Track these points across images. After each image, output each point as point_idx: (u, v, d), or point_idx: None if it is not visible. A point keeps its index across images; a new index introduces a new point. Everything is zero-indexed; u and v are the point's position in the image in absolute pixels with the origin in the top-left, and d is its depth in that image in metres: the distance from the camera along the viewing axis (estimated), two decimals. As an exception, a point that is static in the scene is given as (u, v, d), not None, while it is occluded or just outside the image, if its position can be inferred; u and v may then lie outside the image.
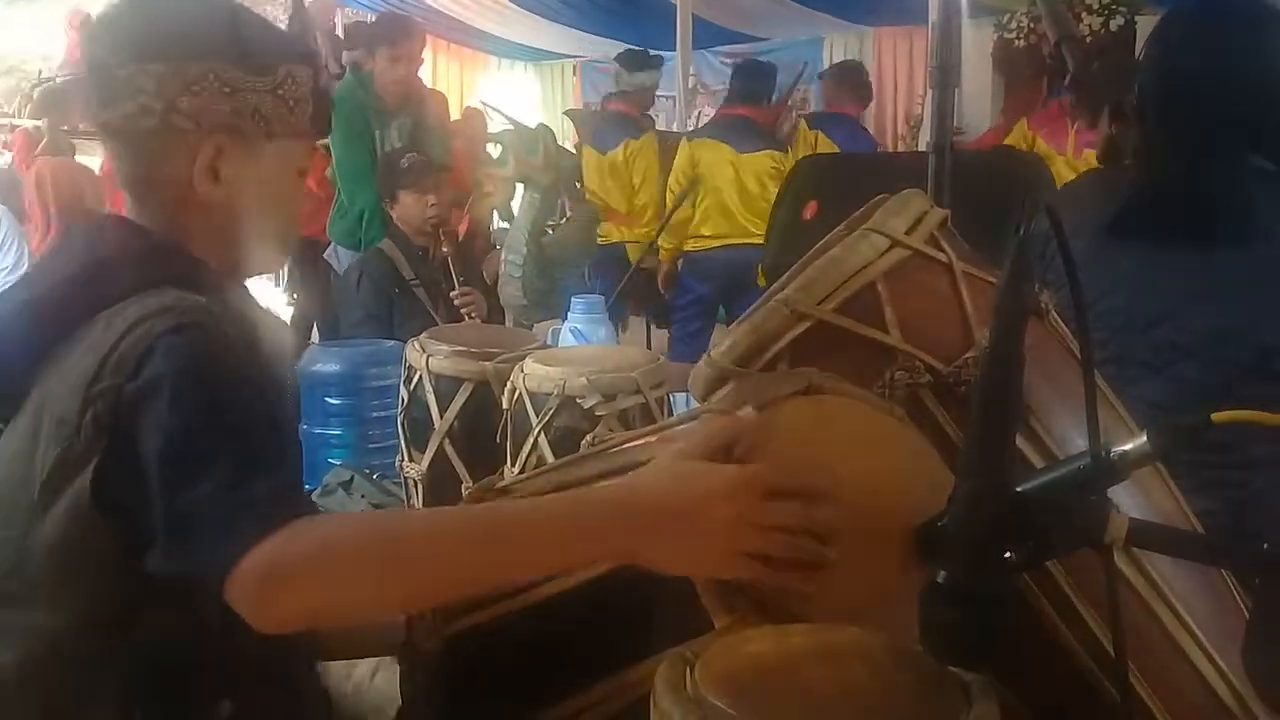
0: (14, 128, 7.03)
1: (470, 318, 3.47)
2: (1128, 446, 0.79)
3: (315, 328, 5.12)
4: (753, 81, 5.23)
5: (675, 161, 5.11)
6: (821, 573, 0.89)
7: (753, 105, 5.11)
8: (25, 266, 4.35)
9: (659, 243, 4.96)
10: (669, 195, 5.11)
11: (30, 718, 1.03)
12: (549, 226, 5.19)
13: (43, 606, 1.03)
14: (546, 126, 5.51)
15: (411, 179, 3.67)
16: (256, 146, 1.15)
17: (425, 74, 4.77)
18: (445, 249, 3.61)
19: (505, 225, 5.73)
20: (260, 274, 1.33)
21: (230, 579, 0.91)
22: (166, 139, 1.12)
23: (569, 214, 5.36)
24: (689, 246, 4.99)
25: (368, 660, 1.48)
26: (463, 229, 5.71)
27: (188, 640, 1.03)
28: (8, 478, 1.05)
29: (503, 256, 5.09)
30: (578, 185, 5.42)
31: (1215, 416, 0.77)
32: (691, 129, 6.39)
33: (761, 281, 4.88)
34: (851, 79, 6.16)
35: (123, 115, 1.11)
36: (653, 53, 5.79)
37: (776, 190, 4.84)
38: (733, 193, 4.94)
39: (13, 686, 1.03)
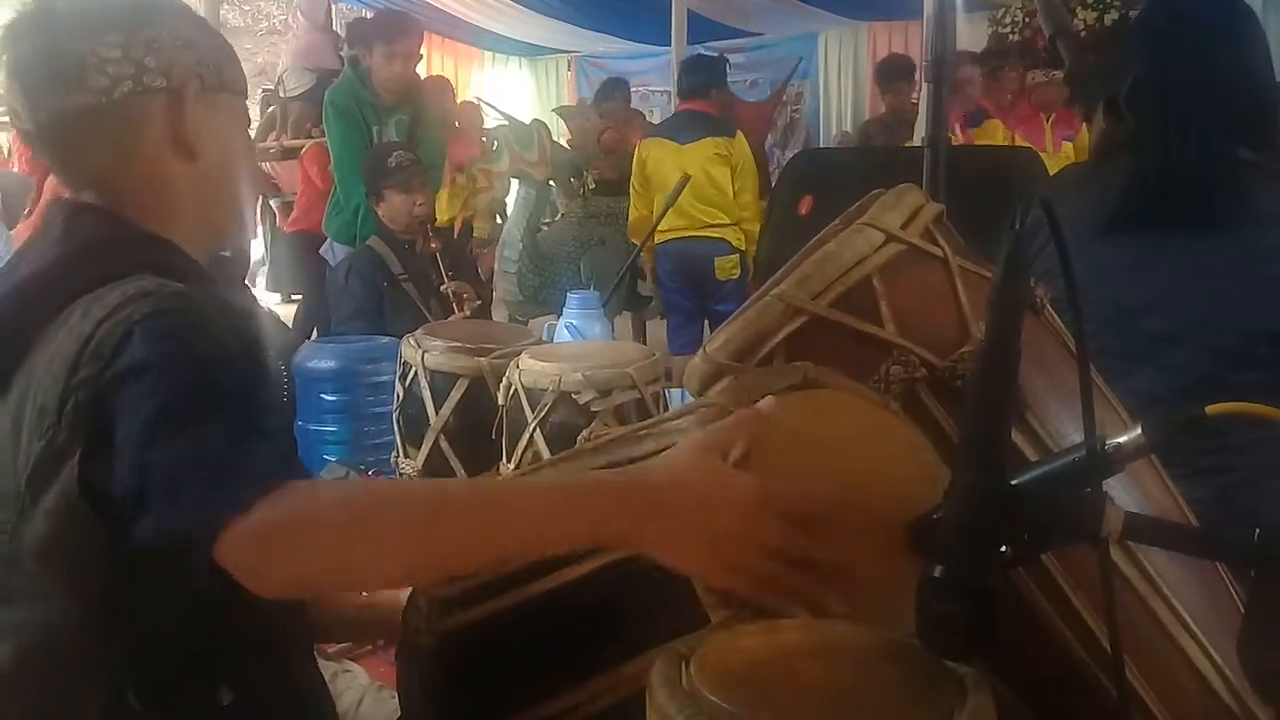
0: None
1: (462, 310, 3.47)
2: (1122, 439, 0.79)
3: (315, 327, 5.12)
4: (697, 76, 5.25)
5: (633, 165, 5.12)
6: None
7: (700, 98, 5.13)
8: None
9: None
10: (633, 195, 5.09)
11: (27, 712, 1.03)
12: (543, 224, 5.19)
13: (35, 601, 1.02)
14: (541, 122, 5.50)
15: (399, 178, 3.67)
16: (214, 99, 1.19)
17: (420, 70, 4.75)
18: (434, 244, 3.62)
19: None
20: (228, 247, 1.37)
21: (224, 538, 0.87)
22: (135, 106, 1.13)
23: (563, 210, 5.37)
24: (656, 241, 4.96)
25: (354, 688, 1.48)
26: (458, 226, 5.71)
27: (185, 628, 1.02)
28: None
29: (498, 253, 5.08)
30: (572, 180, 5.42)
31: (1209, 409, 0.77)
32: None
33: (720, 275, 4.90)
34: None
35: (93, 91, 1.11)
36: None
37: (726, 175, 4.85)
38: None
39: (8, 682, 1.02)
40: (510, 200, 5.84)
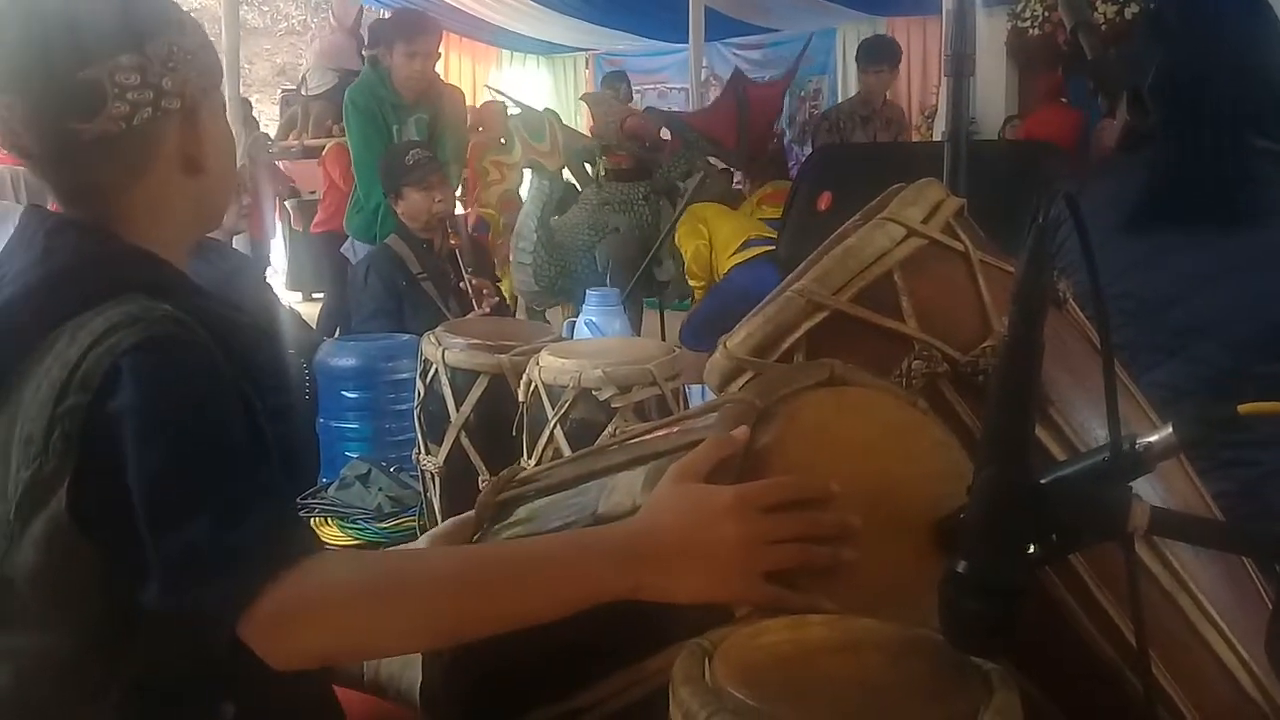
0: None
1: (481, 306, 3.48)
2: (1153, 438, 0.78)
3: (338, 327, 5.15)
4: None
5: None
6: (843, 566, 0.89)
7: None
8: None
9: None
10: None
11: None
12: (553, 218, 5.17)
13: (33, 626, 1.01)
14: (552, 110, 5.47)
15: (417, 175, 3.68)
16: (212, 101, 1.17)
17: (438, 69, 4.76)
18: (453, 241, 3.62)
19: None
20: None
21: (239, 623, 0.90)
22: (153, 130, 1.10)
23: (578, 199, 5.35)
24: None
25: None
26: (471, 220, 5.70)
27: (186, 646, 1.00)
28: None
29: (512, 244, 5.08)
30: (586, 167, 5.40)
31: (1242, 408, 0.76)
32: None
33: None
34: None
35: (112, 118, 1.06)
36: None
37: None
38: None
39: (7, 706, 1.02)
40: (524, 192, 5.83)
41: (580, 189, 5.39)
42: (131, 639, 1.00)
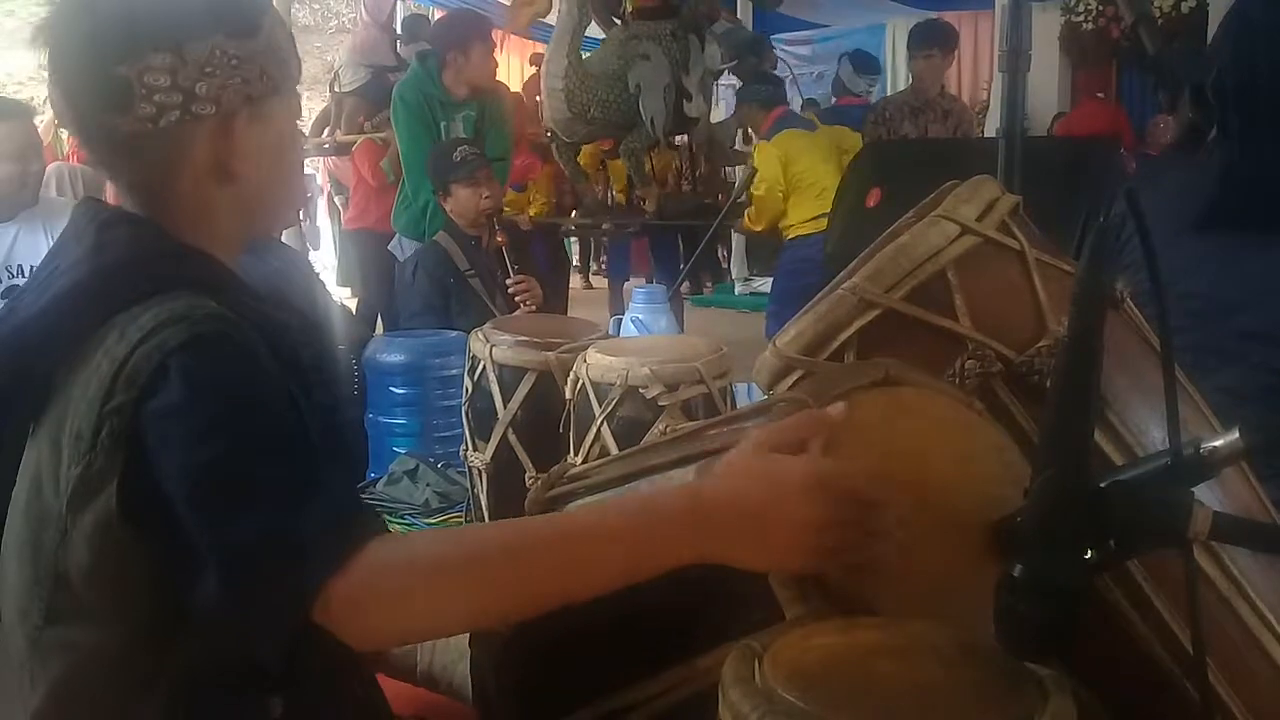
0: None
1: (525, 306, 3.48)
2: (1218, 443, 0.76)
3: (380, 320, 5.18)
4: None
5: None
6: (899, 566, 0.88)
7: None
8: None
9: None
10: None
11: None
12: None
13: (85, 620, 1.02)
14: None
15: (465, 172, 3.68)
16: (266, 109, 1.12)
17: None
18: (500, 239, 3.63)
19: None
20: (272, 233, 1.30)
21: (316, 609, 0.90)
22: (181, 134, 1.08)
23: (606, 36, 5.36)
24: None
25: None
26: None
27: (235, 643, 0.99)
28: (38, 488, 1.03)
29: (543, 75, 5.09)
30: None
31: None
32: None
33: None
34: None
35: (138, 118, 1.05)
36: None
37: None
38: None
39: (59, 700, 1.02)
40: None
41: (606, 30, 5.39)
42: (181, 635, 1.01)
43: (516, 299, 3.49)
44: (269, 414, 0.99)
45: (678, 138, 5.79)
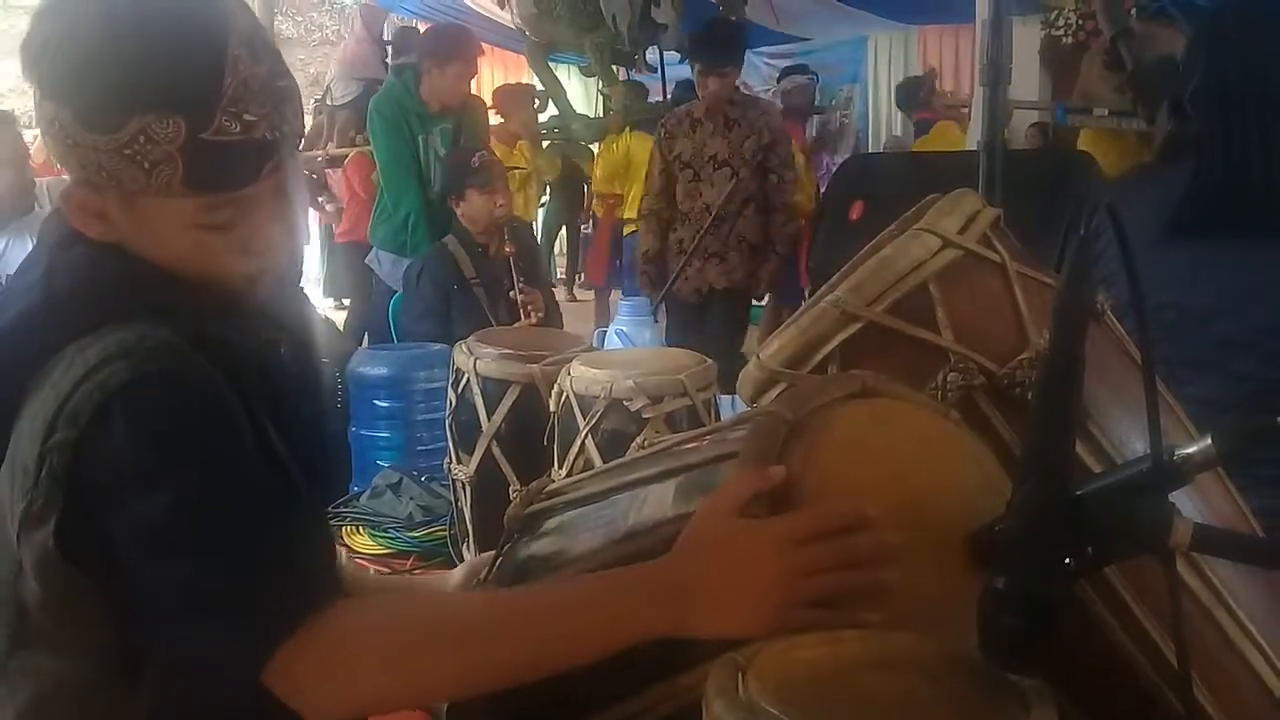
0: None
1: (529, 316, 3.47)
2: (1191, 449, 0.77)
3: (366, 335, 5.16)
4: None
5: None
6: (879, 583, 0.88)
7: None
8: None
9: None
10: None
11: None
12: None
13: (51, 649, 1.00)
14: None
15: (483, 178, 3.66)
16: (125, 201, 1.00)
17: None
18: (509, 248, 3.60)
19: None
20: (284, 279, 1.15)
21: (262, 673, 0.89)
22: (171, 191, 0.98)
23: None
24: None
25: None
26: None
27: (201, 683, 0.97)
28: (1, 516, 1.00)
29: None
30: None
31: (1282, 418, 0.75)
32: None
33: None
34: None
35: (132, 164, 0.96)
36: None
37: None
38: None
39: None
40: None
41: None
42: (148, 670, 0.99)
43: (522, 309, 3.47)
44: (217, 463, 0.96)
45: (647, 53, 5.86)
